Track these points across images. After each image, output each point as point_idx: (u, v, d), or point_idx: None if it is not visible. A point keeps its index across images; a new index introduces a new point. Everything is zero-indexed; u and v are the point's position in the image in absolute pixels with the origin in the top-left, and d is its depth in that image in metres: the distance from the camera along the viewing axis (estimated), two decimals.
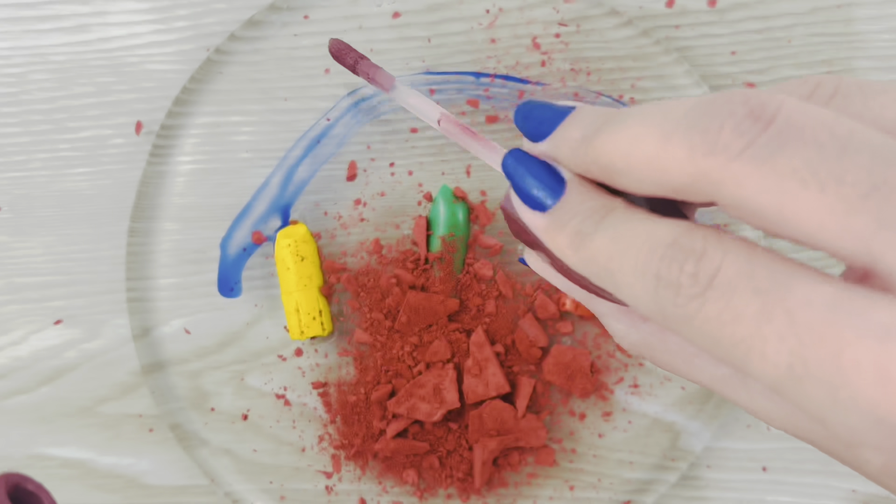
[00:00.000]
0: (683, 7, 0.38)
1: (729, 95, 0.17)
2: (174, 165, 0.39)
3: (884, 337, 0.15)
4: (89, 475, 0.40)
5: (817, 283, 0.16)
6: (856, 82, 0.18)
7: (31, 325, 0.40)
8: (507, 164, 0.22)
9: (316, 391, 0.39)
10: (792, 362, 0.16)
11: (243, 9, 0.39)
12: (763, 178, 0.16)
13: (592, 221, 0.19)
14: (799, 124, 0.16)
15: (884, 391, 0.15)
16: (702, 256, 0.17)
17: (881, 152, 0.16)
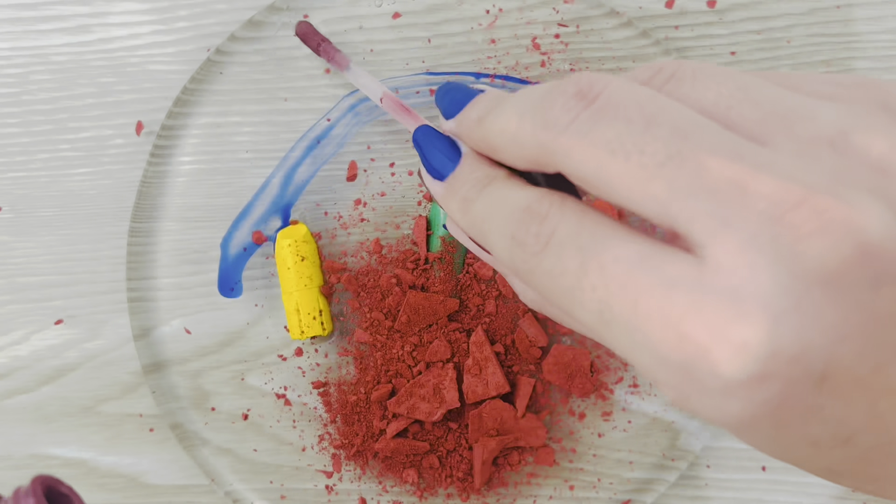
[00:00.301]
0: (683, 7, 0.38)
1: (568, 78, 0.20)
2: (175, 166, 0.39)
3: (670, 287, 0.17)
4: (90, 475, 0.40)
5: (627, 242, 0.18)
6: (692, 67, 0.20)
7: (31, 324, 0.40)
8: (417, 135, 0.25)
9: (316, 391, 0.39)
10: (601, 309, 0.18)
11: (243, 9, 0.39)
12: (583, 149, 0.19)
13: (476, 189, 0.23)
14: (616, 102, 0.19)
15: (666, 334, 0.17)
16: (544, 219, 0.20)
17: (680, 127, 0.18)
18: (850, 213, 0.17)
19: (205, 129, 0.39)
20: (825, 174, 0.17)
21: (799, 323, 0.17)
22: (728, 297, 0.17)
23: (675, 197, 0.18)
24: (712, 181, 0.17)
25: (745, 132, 0.19)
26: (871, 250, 0.17)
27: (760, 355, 0.17)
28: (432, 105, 0.38)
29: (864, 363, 0.18)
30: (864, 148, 0.18)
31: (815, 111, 0.19)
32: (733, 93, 0.19)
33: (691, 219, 0.18)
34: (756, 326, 0.17)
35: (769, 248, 0.17)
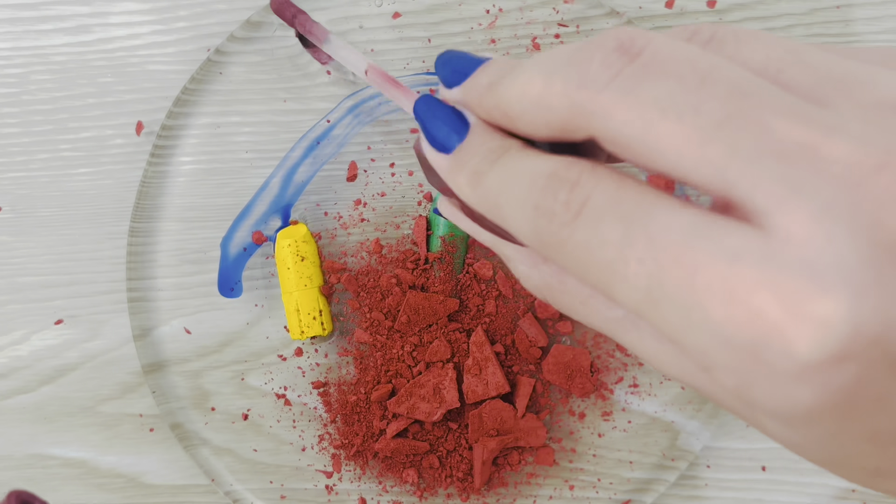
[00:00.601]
0: (683, 7, 0.38)
1: (606, 33, 0.18)
2: (175, 166, 0.39)
3: (733, 260, 0.16)
4: (90, 475, 0.40)
5: (677, 211, 0.16)
6: (732, 30, 0.18)
7: (32, 324, 0.40)
8: (419, 107, 0.23)
9: (316, 391, 0.39)
10: (650, 284, 0.16)
11: (243, 9, 0.39)
12: (628, 108, 0.17)
13: (489, 161, 0.20)
14: (664, 58, 0.17)
15: (731, 312, 0.16)
16: (574, 186, 0.17)
17: (738, 84, 0.16)
18: None
19: (205, 129, 0.39)
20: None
21: (883, 298, 0.15)
22: (804, 269, 0.15)
23: (735, 161, 0.16)
24: (779, 144, 0.16)
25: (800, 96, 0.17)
26: None
27: (843, 334, 0.15)
28: None
29: None
30: None
31: (874, 76, 0.17)
32: (783, 56, 0.18)
33: (755, 185, 0.16)
34: (838, 301, 0.15)
35: (848, 216, 0.15)
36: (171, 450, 0.40)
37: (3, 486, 0.40)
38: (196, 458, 0.39)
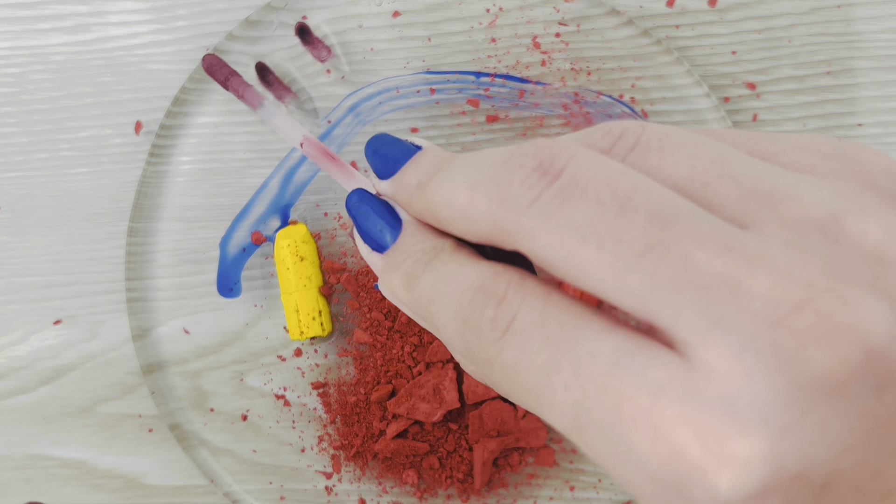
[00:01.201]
0: (683, 7, 0.38)
1: (526, 148, 0.17)
2: (174, 165, 0.39)
3: (656, 393, 0.16)
4: (89, 475, 0.40)
5: (603, 335, 0.16)
6: (657, 134, 0.18)
7: (30, 325, 0.40)
8: (351, 202, 0.22)
9: (316, 391, 0.39)
10: (577, 412, 0.16)
11: (243, 8, 0.39)
12: (548, 233, 0.16)
13: (421, 263, 0.20)
14: (584, 180, 0.16)
15: (655, 447, 0.16)
16: (501, 301, 0.17)
17: (659, 212, 0.16)
18: (856, 316, 0.15)
19: (204, 128, 0.39)
20: (822, 268, 0.16)
21: (804, 438, 0.15)
22: (724, 408, 0.15)
23: (656, 292, 0.16)
24: (700, 276, 0.16)
25: (724, 214, 0.17)
26: (876, 356, 0.15)
27: (763, 474, 0.15)
28: (432, 105, 0.38)
29: (864, 471, 0.16)
30: (858, 235, 0.16)
31: (799, 190, 0.17)
32: (707, 167, 0.17)
33: (676, 317, 0.16)
34: (758, 443, 0.15)
35: (768, 354, 0.15)
36: (170, 450, 0.40)
37: (3, 487, 0.40)
38: (195, 458, 0.39)
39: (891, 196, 0.17)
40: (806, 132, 0.39)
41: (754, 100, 0.39)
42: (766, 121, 0.39)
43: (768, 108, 0.39)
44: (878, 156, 0.18)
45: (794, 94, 0.38)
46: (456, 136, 0.39)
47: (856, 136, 0.39)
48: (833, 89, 0.39)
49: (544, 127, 0.38)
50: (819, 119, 0.39)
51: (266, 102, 0.29)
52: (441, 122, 0.38)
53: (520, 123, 0.38)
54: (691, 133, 0.18)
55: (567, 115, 0.38)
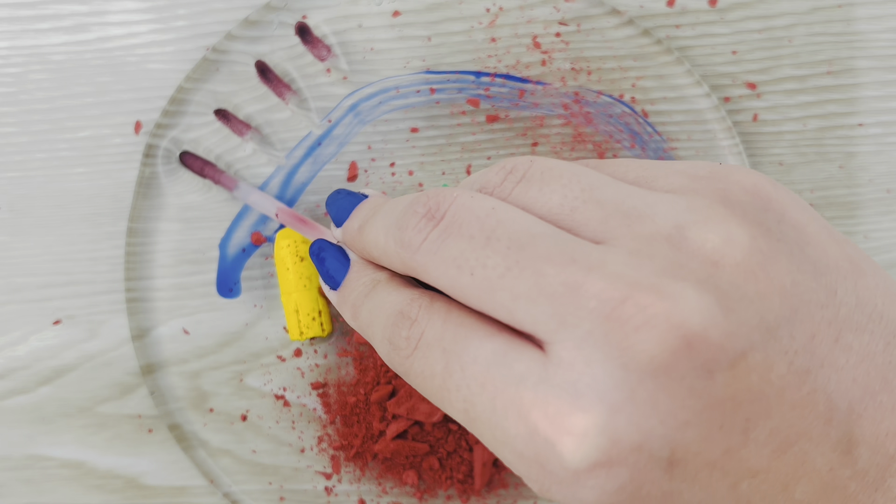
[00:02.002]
0: (684, 7, 0.38)
1: (420, 197, 0.21)
2: (172, 165, 0.39)
3: (518, 383, 0.19)
4: (88, 475, 0.40)
5: (485, 341, 0.20)
6: (540, 168, 0.21)
7: (29, 325, 0.40)
8: (311, 251, 0.27)
9: (315, 392, 0.39)
10: (466, 408, 0.20)
11: (243, 8, 0.39)
12: (435, 266, 0.20)
13: (362, 295, 0.24)
14: (459, 220, 0.20)
15: (518, 428, 0.19)
16: (413, 323, 0.21)
17: (518, 239, 0.19)
18: (672, 306, 0.18)
19: (203, 128, 0.39)
20: (655, 270, 0.18)
21: (635, 412, 0.18)
22: (568, 390, 0.18)
23: (517, 304, 0.19)
24: (549, 285, 0.18)
25: (588, 232, 0.20)
26: (695, 341, 0.18)
27: (600, 444, 0.18)
28: (432, 105, 0.38)
29: (712, 447, 0.18)
30: (698, 242, 0.19)
31: (655, 208, 0.20)
32: (577, 194, 0.20)
33: (535, 321, 0.19)
34: (593, 416, 0.18)
35: (602, 343, 0.18)
36: (169, 451, 0.40)
37: (2, 487, 0.40)
38: (195, 459, 0.39)
39: (741, 209, 0.20)
40: (806, 132, 0.39)
41: (755, 100, 0.38)
42: (767, 121, 0.39)
43: (769, 107, 0.38)
44: (746, 175, 0.21)
45: (795, 94, 0.38)
46: (456, 136, 0.38)
47: (856, 135, 0.39)
48: (834, 89, 0.38)
49: (544, 127, 0.38)
50: (820, 119, 0.39)
51: (240, 184, 0.34)
52: (441, 122, 0.38)
53: (520, 123, 0.38)
54: (574, 166, 0.21)
55: (567, 115, 0.38)
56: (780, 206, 0.20)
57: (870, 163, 0.39)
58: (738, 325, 0.18)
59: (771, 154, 0.39)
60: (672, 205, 0.20)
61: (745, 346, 0.18)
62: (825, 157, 0.39)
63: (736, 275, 0.19)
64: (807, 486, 0.19)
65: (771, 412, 0.18)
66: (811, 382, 0.19)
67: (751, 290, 0.19)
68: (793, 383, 0.19)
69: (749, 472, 0.19)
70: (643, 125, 0.38)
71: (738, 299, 0.18)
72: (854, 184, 0.39)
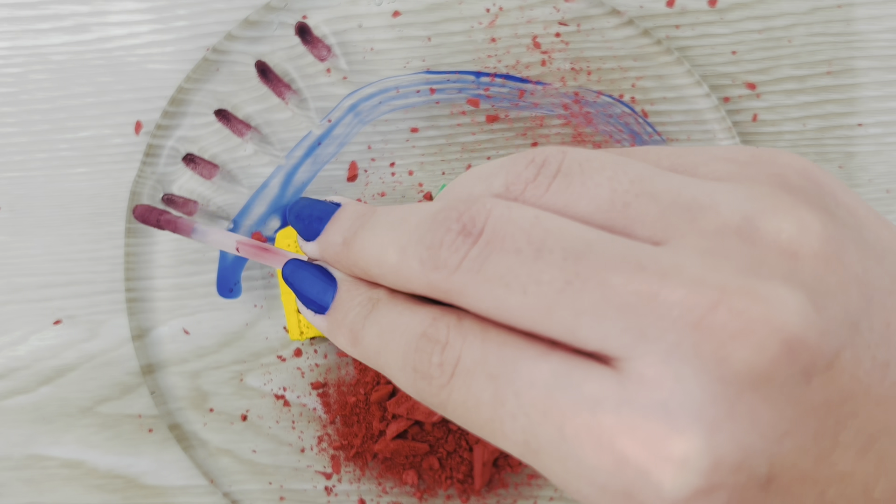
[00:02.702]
0: (684, 7, 0.38)
1: (448, 210, 0.19)
2: (171, 166, 0.39)
3: (594, 408, 0.17)
4: (89, 475, 0.40)
5: (539, 362, 0.17)
6: (577, 159, 0.19)
7: (30, 325, 0.40)
8: (286, 272, 0.23)
9: (315, 392, 0.39)
10: (527, 439, 0.17)
11: (243, 8, 0.39)
12: (478, 287, 0.18)
13: (361, 317, 0.21)
14: (501, 233, 0.18)
15: (600, 459, 0.17)
16: (445, 346, 0.18)
17: (572, 248, 0.17)
18: (769, 308, 0.16)
19: (202, 128, 0.39)
20: (736, 268, 0.17)
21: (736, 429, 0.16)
22: (658, 411, 0.16)
23: (581, 321, 0.17)
24: (618, 297, 0.17)
25: (646, 230, 0.18)
26: (795, 345, 0.16)
27: (703, 469, 0.16)
28: (432, 105, 0.38)
29: (807, 457, 0.17)
30: (772, 233, 0.17)
31: (716, 198, 0.18)
32: (628, 187, 0.18)
33: (604, 338, 0.17)
34: (693, 439, 0.16)
35: (692, 356, 0.16)
36: (170, 450, 0.40)
37: (2, 487, 0.40)
38: (195, 458, 0.39)
39: (804, 194, 0.18)
40: (806, 132, 0.39)
41: (754, 100, 0.39)
42: (767, 121, 0.39)
43: (768, 108, 0.39)
44: (793, 158, 0.19)
45: (795, 94, 0.38)
46: (456, 136, 0.38)
47: (856, 135, 0.39)
48: (833, 89, 0.39)
49: (544, 127, 0.38)
50: (819, 119, 0.39)
51: (197, 226, 0.31)
52: (441, 122, 0.38)
53: (520, 123, 0.38)
54: (611, 155, 0.19)
55: (567, 115, 0.38)
56: (832, 189, 0.19)
57: (869, 163, 0.39)
58: (831, 322, 0.17)
59: None
60: (733, 194, 0.18)
61: (838, 345, 0.17)
62: (825, 157, 0.39)
63: (817, 266, 0.17)
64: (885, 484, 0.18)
65: (858, 412, 0.17)
66: (891, 375, 0.17)
67: (833, 281, 0.17)
68: (877, 378, 0.17)
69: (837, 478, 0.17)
70: (643, 125, 0.38)
71: (825, 294, 0.17)
72: (853, 184, 0.39)
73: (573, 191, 0.19)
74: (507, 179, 0.19)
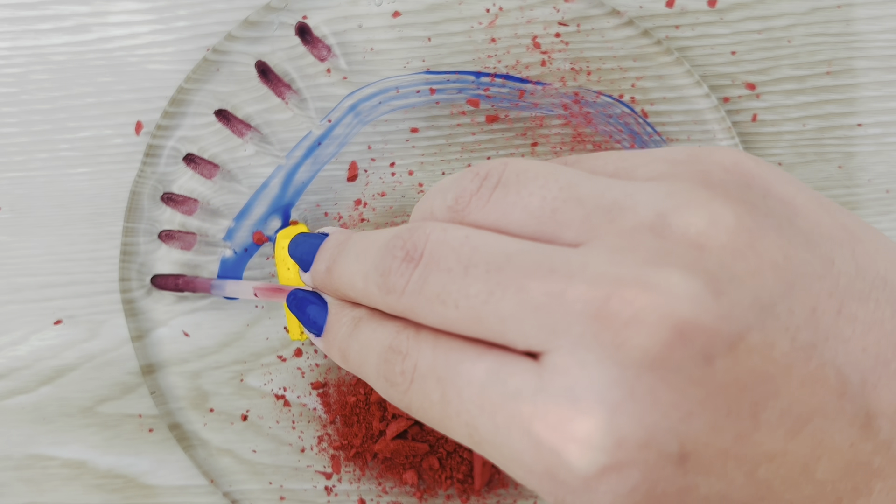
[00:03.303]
0: (683, 7, 0.38)
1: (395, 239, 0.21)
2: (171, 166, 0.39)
3: (516, 397, 0.18)
4: (89, 475, 0.40)
5: (477, 362, 0.19)
6: (515, 170, 0.21)
7: (30, 325, 0.40)
8: (289, 302, 0.27)
9: (315, 392, 0.39)
10: (470, 432, 0.19)
11: (244, 9, 0.39)
12: (422, 306, 0.20)
13: (347, 336, 0.24)
14: (436, 256, 0.20)
15: (523, 443, 0.18)
16: (405, 356, 0.21)
17: (494, 262, 0.19)
18: (658, 297, 0.17)
19: (202, 129, 0.39)
20: (639, 262, 0.18)
21: (636, 409, 0.17)
22: (565, 396, 0.18)
23: (507, 325, 0.19)
24: (533, 300, 0.18)
25: (571, 233, 0.19)
26: (688, 328, 0.17)
27: (606, 445, 0.17)
28: (432, 105, 0.38)
29: (722, 435, 0.18)
30: (682, 227, 0.18)
31: (635, 199, 0.19)
32: (556, 194, 0.20)
33: (526, 337, 0.18)
34: (595, 419, 0.17)
35: (594, 344, 0.17)
36: (170, 450, 0.40)
37: (3, 487, 0.40)
38: (195, 458, 0.39)
39: (723, 188, 0.19)
40: (805, 132, 0.39)
41: (754, 100, 0.39)
42: (766, 121, 0.39)
43: (768, 108, 0.39)
44: (725, 154, 0.20)
45: (794, 95, 0.39)
46: (456, 136, 0.39)
47: (855, 136, 0.39)
48: (833, 89, 0.39)
49: (544, 127, 0.38)
50: (819, 119, 0.39)
51: (214, 282, 0.35)
52: (441, 122, 0.38)
53: (520, 123, 0.38)
54: (548, 164, 0.21)
55: (567, 115, 0.38)
56: (763, 182, 0.20)
57: (869, 163, 0.39)
58: (731, 307, 0.17)
59: (770, 154, 0.39)
60: (652, 193, 0.19)
61: (741, 327, 0.18)
62: (824, 158, 0.39)
63: (724, 255, 0.18)
64: (828, 464, 0.18)
65: (779, 392, 0.18)
66: (818, 357, 0.18)
67: (741, 269, 0.18)
68: (798, 360, 0.18)
69: (765, 457, 0.18)
70: (643, 125, 0.38)
71: (728, 280, 0.18)
72: (853, 184, 0.39)
73: (509, 201, 0.20)
74: (456, 193, 0.21)
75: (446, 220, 0.21)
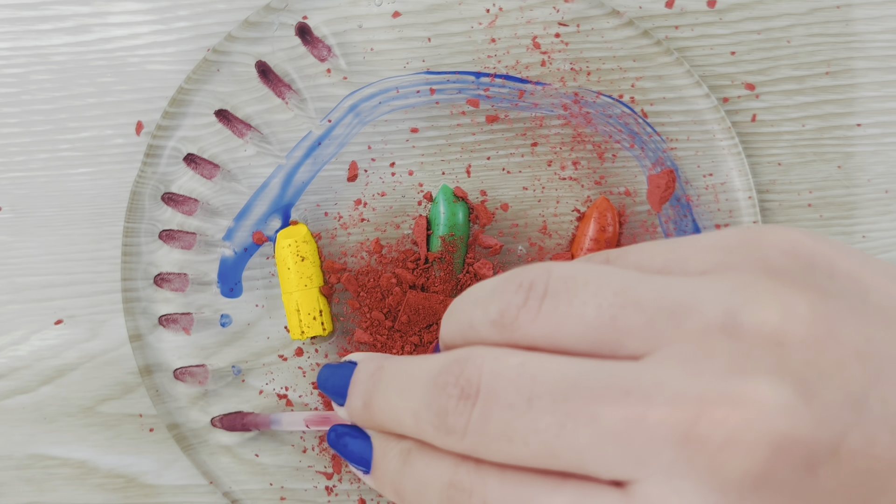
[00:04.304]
0: (683, 7, 0.38)
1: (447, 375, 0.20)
2: (171, 166, 0.39)
3: None
4: (89, 475, 0.40)
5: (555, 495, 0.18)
6: (562, 277, 0.19)
7: (31, 324, 0.40)
8: (329, 440, 0.25)
9: (316, 391, 0.39)
10: None
11: (244, 9, 0.39)
12: (487, 446, 0.19)
13: (398, 473, 0.22)
14: (495, 391, 0.19)
15: None
16: (471, 493, 0.19)
17: (559, 390, 0.18)
18: (750, 412, 0.16)
19: (202, 129, 0.39)
20: (718, 371, 0.17)
21: None
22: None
23: (584, 457, 0.18)
24: (610, 428, 0.17)
25: (635, 341, 0.18)
26: (786, 442, 0.16)
27: None
28: (432, 105, 0.38)
29: None
30: (755, 324, 0.17)
31: (699, 297, 0.18)
32: (612, 300, 0.19)
33: (609, 467, 0.17)
34: None
35: (688, 470, 0.17)
36: (171, 450, 0.40)
37: (3, 487, 0.40)
38: (195, 458, 0.39)
39: (789, 276, 0.18)
40: (805, 132, 0.39)
41: (753, 100, 0.39)
42: (765, 121, 0.39)
43: (767, 108, 0.39)
44: (780, 235, 0.19)
45: (793, 95, 0.39)
46: (456, 136, 0.39)
47: (854, 136, 0.39)
48: (832, 90, 0.39)
49: (544, 127, 0.38)
50: (818, 119, 0.39)
51: (272, 417, 0.36)
52: (441, 122, 0.39)
53: (520, 123, 0.38)
54: (594, 268, 0.20)
55: (567, 116, 0.38)
56: (826, 260, 0.19)
57: (868, 163, 0.39)
58: (826, 410, 0.16)
59: (769, 154, 0.39)
60: (715, 289, 0.18)
61: (840, 430, 0.16)
62: (823, 158, 0.39)
63: (805, 351, 0.17)
64: None
65: (886, 487, 0.17)
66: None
67: (826, 363, 0.17)
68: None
69: None
70: (642, 125, 0.38)
71: (817, 379, 0.17)
72: (852, 184, 0.39)
73: (561, 312, 0.19)
74: (500, 307, 0.20)
75: (493, 337, 0.20)
